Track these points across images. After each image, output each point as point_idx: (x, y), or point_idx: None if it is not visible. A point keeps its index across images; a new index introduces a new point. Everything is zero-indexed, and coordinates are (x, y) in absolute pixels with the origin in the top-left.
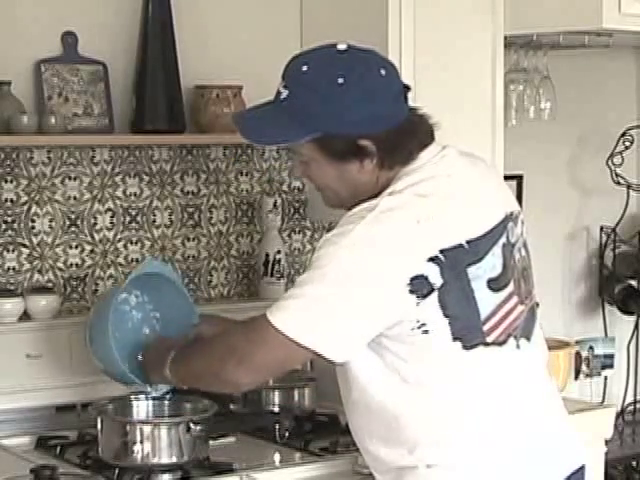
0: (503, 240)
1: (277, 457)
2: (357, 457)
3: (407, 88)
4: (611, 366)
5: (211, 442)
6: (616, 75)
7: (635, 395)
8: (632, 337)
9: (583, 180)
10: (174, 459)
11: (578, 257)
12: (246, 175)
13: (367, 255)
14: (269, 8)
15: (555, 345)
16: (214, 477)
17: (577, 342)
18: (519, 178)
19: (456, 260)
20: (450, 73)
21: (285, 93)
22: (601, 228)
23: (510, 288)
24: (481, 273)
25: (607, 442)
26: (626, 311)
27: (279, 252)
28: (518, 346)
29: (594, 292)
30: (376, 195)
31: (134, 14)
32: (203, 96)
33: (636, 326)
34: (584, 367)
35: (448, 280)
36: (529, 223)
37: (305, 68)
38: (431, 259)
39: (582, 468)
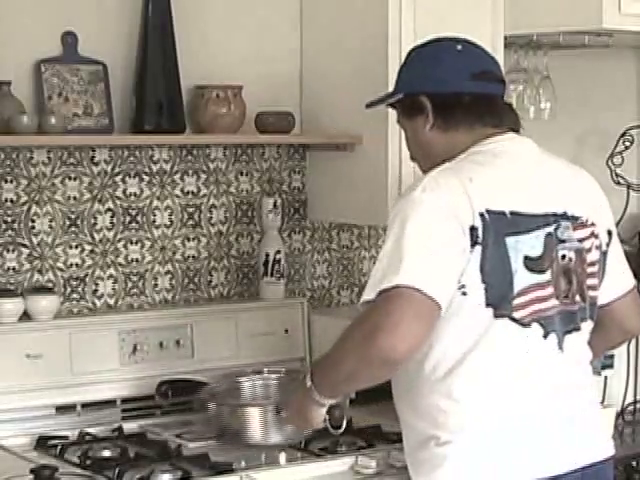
0: (549, 230)
1: (277, 457)
2: (357, 457)
3: (486, 73)
4: (611, 366)
5: (211, 442)
6: (616, 75)
7: (635, 395)
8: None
9: None
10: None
11: None
12: (246, 175)
13: (438, 207)
14: (269, 8)
15: None
16: (214, 477)
17: None
18: None
19: (497, 225)
20: None
21: None
22: None
23: (547, 276)
24: (520, 246)
25: None
26: None
27: (279, 252)
28: (545, 336)
29: None
30: (446, 160)
31: (134, 14)
32: (203, 96)
33: None
34: None
35: (487, 241)
36: None
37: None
38: (480, 214)
39: (606, 461)
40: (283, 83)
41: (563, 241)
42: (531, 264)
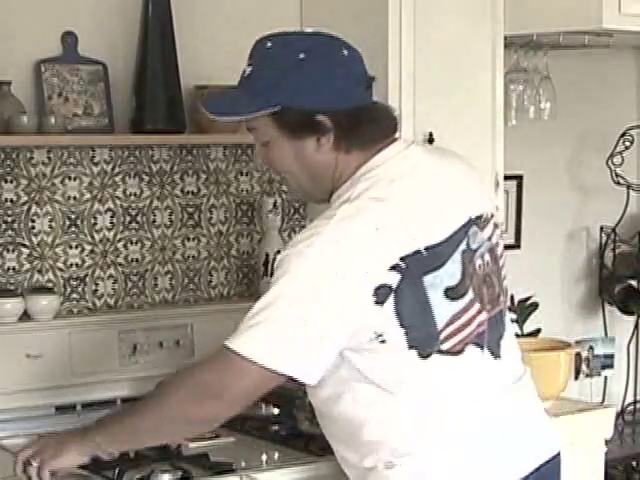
0: (463, 246)
1: (277, 457)
2: None
3: (372, 79)
4: (611, 366)
5: (211, 442)
6: (616, 75)
7: (635, 395)
8: (632, 337)
9: (583, 180)
10: None
11: (578, 257)
12: (246, 175)
13: (330, 269)
14: (269, 8)
15: (555, 345)
16: (214, 477)
17: (577, 342)
18: (519, 178)
19: (415, 266)
20: (450, 73)
21: (249, 70)
22: (601, 228)
23: (469, 296)
24: (438, 282)
25: (607, 442)
26: (626, 311)
27: (279, 252)
28: (483, 353)
29: (594, 292)
30: (336, 183)
31: (134, 14)
32: (203, 96)
33: (636, 326)
34: (584, 367)
35: (403, 287)
36: (529, 223)
37: (269, 44)
38: (392, 267)
39: (553, 459)
40: None
41: (476, 249)
42: (453, 293)
